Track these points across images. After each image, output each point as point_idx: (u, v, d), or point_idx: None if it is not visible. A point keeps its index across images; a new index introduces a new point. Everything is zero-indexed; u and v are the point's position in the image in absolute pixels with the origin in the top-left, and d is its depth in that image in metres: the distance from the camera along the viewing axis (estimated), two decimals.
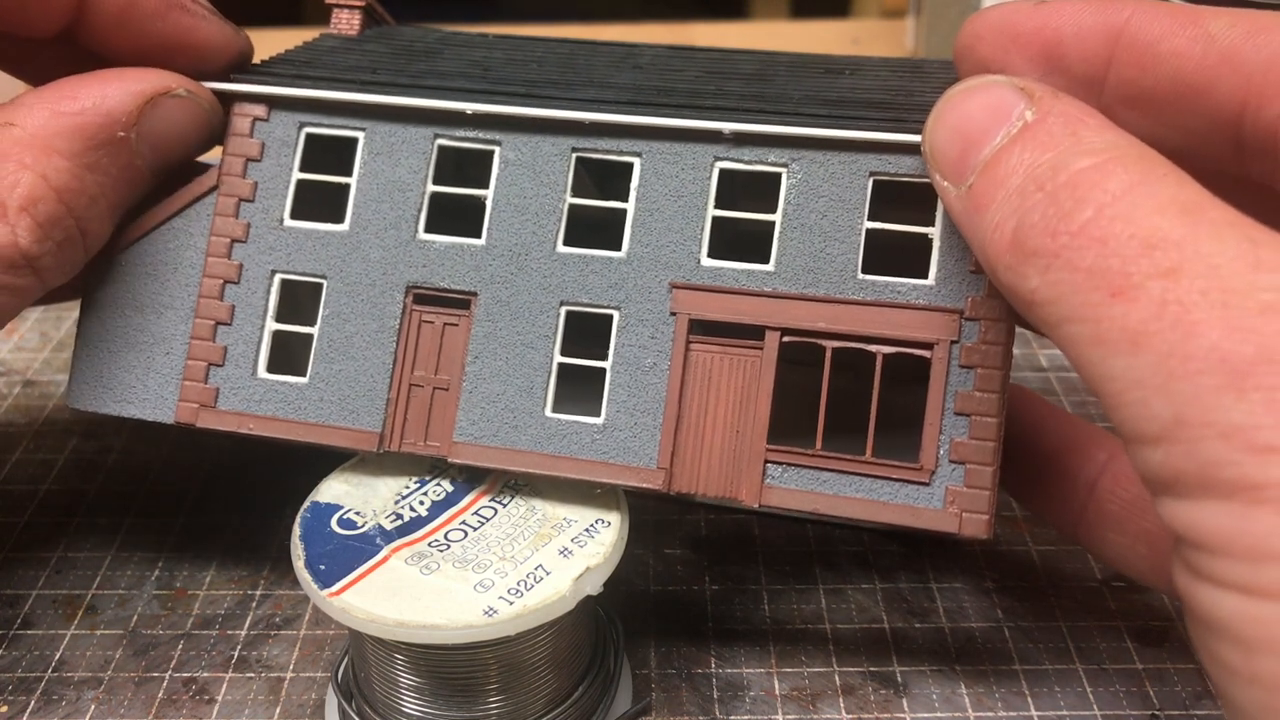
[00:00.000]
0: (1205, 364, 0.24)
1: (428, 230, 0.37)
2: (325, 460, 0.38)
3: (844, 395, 0.34)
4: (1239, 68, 0.30)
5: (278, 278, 0.37)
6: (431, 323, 0.36)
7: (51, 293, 0.42)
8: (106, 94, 0.35)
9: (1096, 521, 0.36)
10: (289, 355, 0.37)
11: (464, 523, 0.35)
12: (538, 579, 0.32)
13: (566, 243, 0.36)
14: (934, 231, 0.34)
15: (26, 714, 0.37)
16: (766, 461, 0.34)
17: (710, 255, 0.35)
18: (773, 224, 0.35)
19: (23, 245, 0.33)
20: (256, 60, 0.41)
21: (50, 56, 0.37)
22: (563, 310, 0.36)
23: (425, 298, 0.36)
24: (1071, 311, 0.26)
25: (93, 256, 0.37)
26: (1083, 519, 0.37)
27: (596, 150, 0.36)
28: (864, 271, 0.34)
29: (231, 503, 0.47)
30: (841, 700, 0.38)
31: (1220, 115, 0.31)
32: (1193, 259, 0.25)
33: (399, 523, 0.35)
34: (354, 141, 0.37)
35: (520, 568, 0.33)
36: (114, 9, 0.36)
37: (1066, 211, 0.27)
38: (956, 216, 0.31)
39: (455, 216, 0.37)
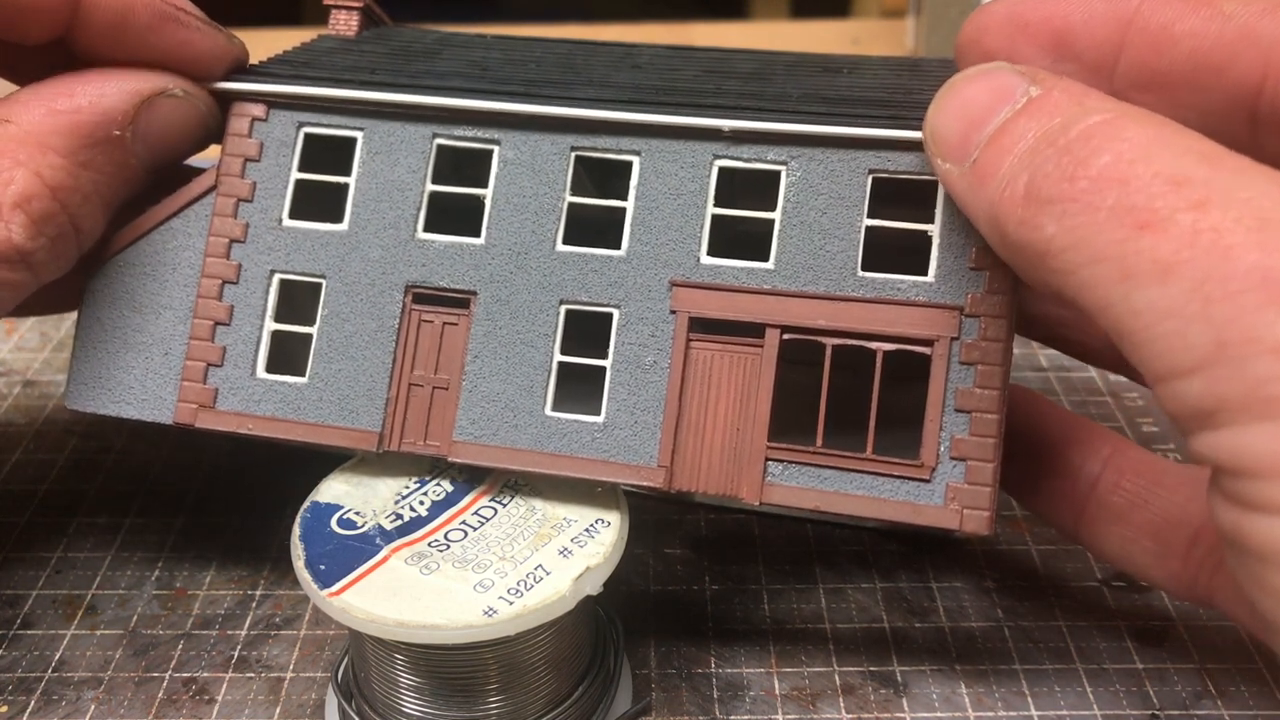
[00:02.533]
0: (1246, 283, 0.23)
1: (427, 229, 0.37)
2: (325, 460, 0.38)
3: (843, 394, 0.34)
4: (1257, 43, 0.30)
5: (276, 277, 0.37)
6: (431, 322, 0.36)
7: (50, 303, 0.42)
8: (103, 92, 0.35)
9: (1099, 517, 0.36)
10: (288, 355, 0.37)
11: (464, 523, 0.35)
12: (538, 579, 0.32)
13: (566, 241, 0.36)
14: (933, 228, 0.34)
15: (26, 714, 0.37)
16: (767, 459, 0.34)
17: (710, 253, 0.35)
18: (772, 222, 0.35)
19: (17, 241, 0.34)
20: (254, 61, 0.40)
21: (44, 61, 0.37)
22: (562, 309, 0.35)
23: (424, 297, 0.36)
24: (1094, 252, 0.26)
25: (86, 251, 0.37)
26: (1084, 515, 0.37)
27: (596, 149, 0.36)
28: (864, 269, 0.34)
29: (231, 503, 0.47)
30: (841, 700, 0.38)
31: (1238, 92, 0.31)
32: (1220, 193, 0.25)
33: (399, 523, 0.35)
34: (352, 141, 0.37)
35: (520, 568, 0.33)
36: (107, 21, 0.35)
37: (1083, 159, 0.27)
38: (959, 194, 0.31)
39: (454, 216, 0.37)
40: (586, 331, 0.35)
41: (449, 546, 0.34)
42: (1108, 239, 0.26)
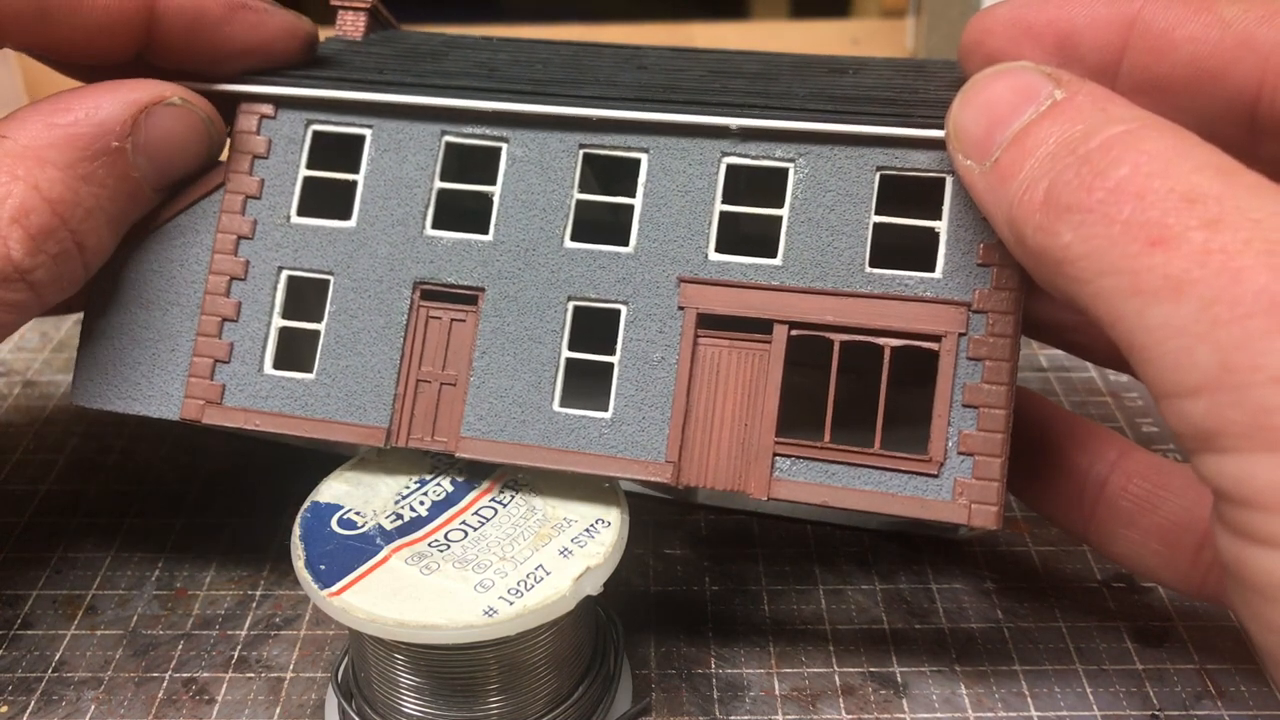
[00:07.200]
0: (1254, 308, 0.23)
1: (435, 226, 0.37)
2: (326, 460, 0.38)
3: (848, 398, 0.34)
4: (1256, 50, 0.31)
5: (284, 274, 0.37)
6: (439, 318, 0.36)
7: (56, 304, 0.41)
8: (100, 104, 0.35)
9: (1108, 519, 0.36)
10: (295, 352, 0.37)
11: (464, 523, 0.35)
12: (538, 579, 0.32)
13: (574, 238, 0.36)
14: (940, 225, 0.34)
15: (26, 714, 0.37)
16: (775, 454, 0.34)
17: (718, 250, 0.35)
18: (780, 219, 0.35)
19: (15, 257, 0.33)
20: None
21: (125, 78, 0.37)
22: (570, 305, 0.36)
23: (432, 293, 0.36)
24: (1108, 264, 0.26)
25: (94, 274, 0.36)
26: (1093, 518, 0.37)
27: (604, 146, 0.36)
28: (871, 265, 0.34)
29: (231, 503, 0.47)
30: (841, 700, 0.38)
31: (1236, 98, 0.31)
32: (1233, 213, 0.25)
33: (399, 523, 0.35)
34: (361, 138, 0.37)
35: (520, 568, 0.33)
36: (183, 23, 0.36)
37: (1101, 170, 0.27)
38: (979, 192, 0.31)
39: (461, 215, 0.37)
40: (594, 328, 0.36)
41: (449, 546, 0.34)
42: (1121, 252, 0.26)
